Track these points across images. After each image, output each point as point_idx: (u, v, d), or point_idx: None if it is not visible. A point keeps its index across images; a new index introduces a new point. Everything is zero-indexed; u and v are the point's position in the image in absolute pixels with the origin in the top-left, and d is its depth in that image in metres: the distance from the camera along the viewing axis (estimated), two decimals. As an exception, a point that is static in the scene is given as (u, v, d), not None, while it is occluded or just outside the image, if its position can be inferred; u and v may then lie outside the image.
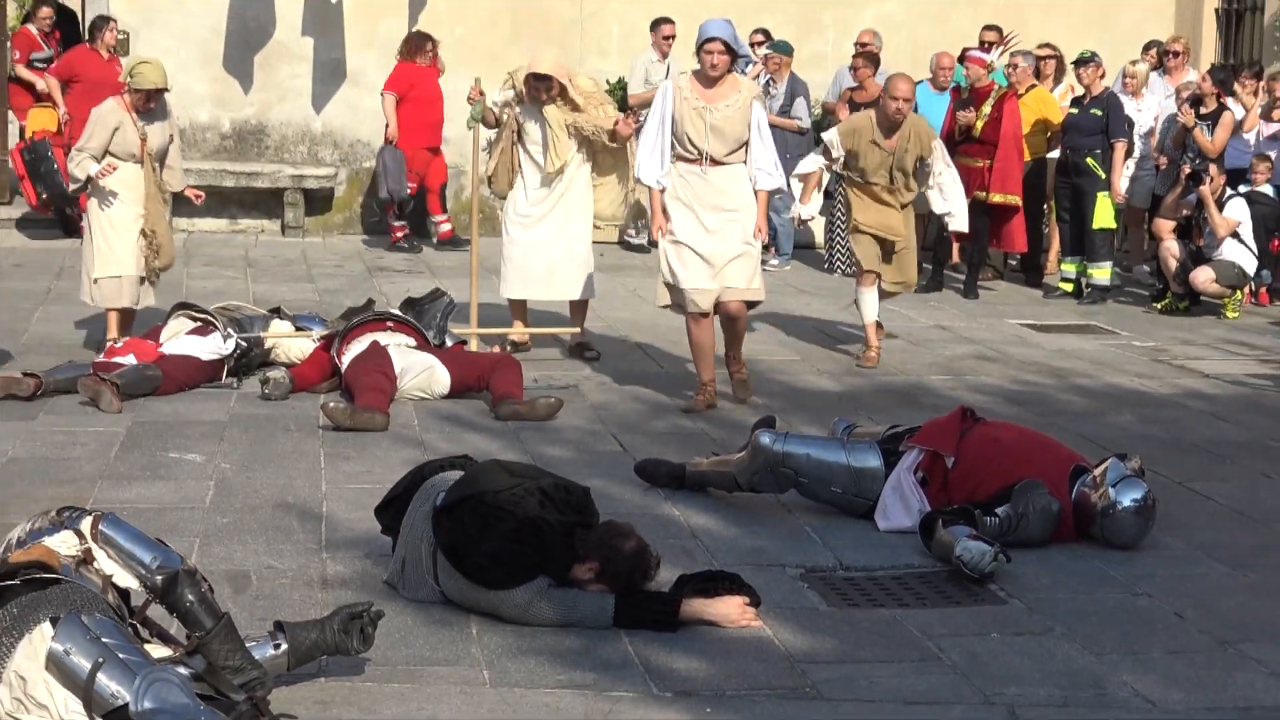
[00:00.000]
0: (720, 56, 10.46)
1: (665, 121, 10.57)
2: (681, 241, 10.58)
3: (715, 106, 10.51)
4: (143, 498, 8.42)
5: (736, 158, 10.64)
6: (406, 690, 6.13)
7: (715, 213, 10.58)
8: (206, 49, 19.13)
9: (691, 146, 10.55)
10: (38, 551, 5.57)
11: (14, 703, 5.27)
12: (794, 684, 6.31)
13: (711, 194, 10.61)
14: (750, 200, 10.68)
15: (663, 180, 10.60)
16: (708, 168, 10.57)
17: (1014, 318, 15.04)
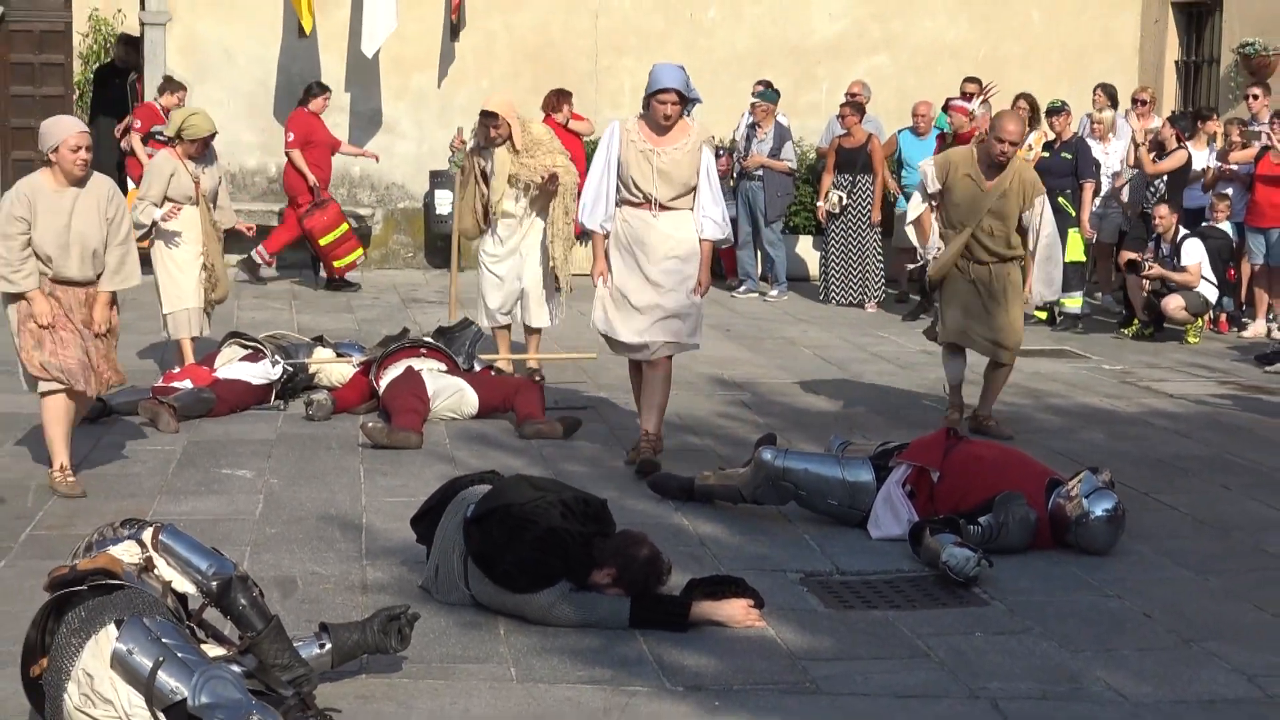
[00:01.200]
0: (673, 106, 9.31)
1: (610, 165, 9.47)
2: (616, 289, 9.51)
3: (663, 150, 9.38)
4: (198, 510, 8.43)
5: (684, 203, 9.44)
6: (440, 686, 6.13)
7: (661, 261, 9.41)
8: (254, 101, 19.17)
9: (637, 190, 9.41)
10: (103, 560, 5.57)
11: (82, 698, 5.27)
12: (795, 679, 6.31)
13: (658, 240, 9.41)
14: (696, 249, 9.48)
15: (605, 225, 9.49)
16: (656, 212, 9.42)
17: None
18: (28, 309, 8.62)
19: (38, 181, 8.73)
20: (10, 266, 8.53)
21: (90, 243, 8.68)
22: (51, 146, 8.61)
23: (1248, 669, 6.51)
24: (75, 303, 8.73)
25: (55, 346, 8.64)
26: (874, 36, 20.08)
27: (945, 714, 5.96)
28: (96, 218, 8.69)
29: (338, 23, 18.97)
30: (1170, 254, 15.27)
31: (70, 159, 8.56)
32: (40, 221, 8.58)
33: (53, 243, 8.59)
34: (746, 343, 14.73)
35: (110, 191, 8.81)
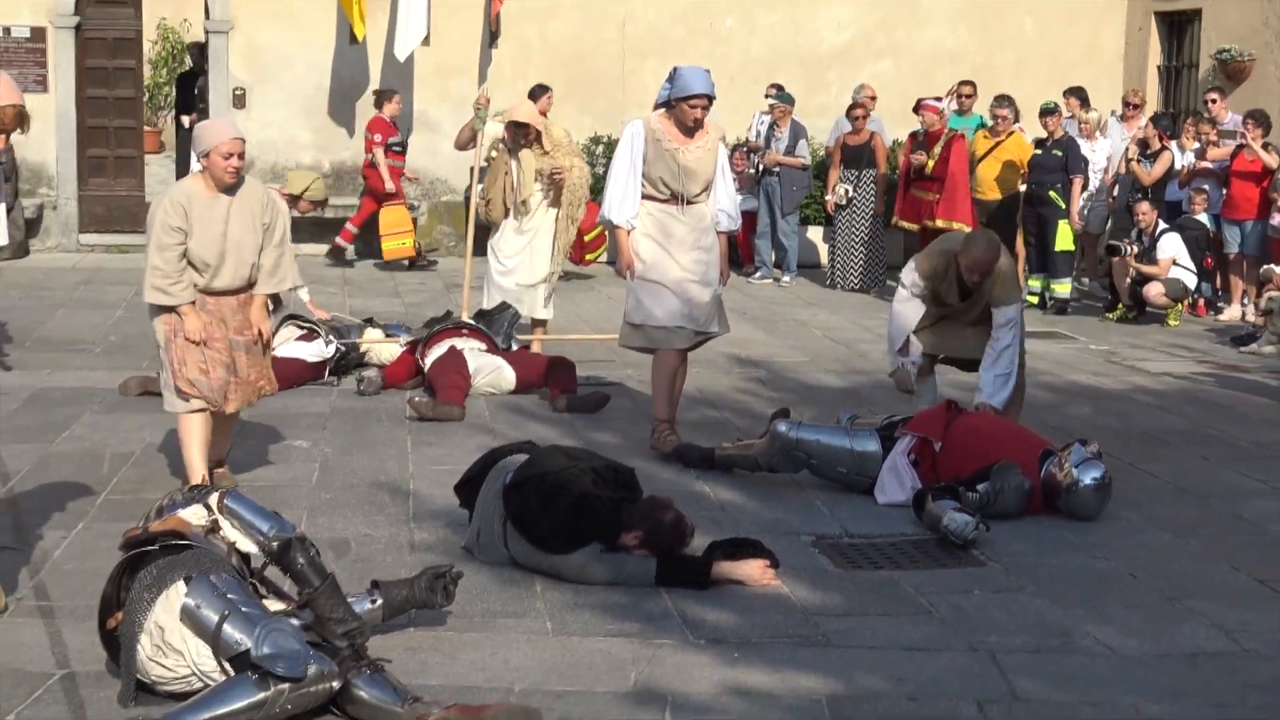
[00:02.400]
0: (704, 110, 8.99)
1: (635, 163, 9.05)
2: (654, 280, 9.10)
3: (688, 148, 9.05)
4: (260, 477, 8.43)
5: (704, 197, 9.17)
6: (482, 638, 6.12)
7: (689, 251, 9.11)
8: (309, 103, 19.17)
9: (665, 187, 9.05)
10: (173, 522, 5.58)
11: (154, 649, 5.27)
12: (808, 633, 6.30)
13: (684, 233, 9.11)
14: (716, 241, 9.25)
15: (632, 221, 9.08)
16: (683, 207, 9.10)
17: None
18: (177, 323, 7.79)
19: (190, 188, 7.80)
20: (168, 279, 7.65)
21: (246, 252, 7.84)
22: (203, 151, 7.68)
23: (1225, 624, 6.48)
24: (228, 310, 7.92)
25: (206, 365, 7.82)
26: (879, 44, 20.03)
27: (946, 666, 5.94)
28: (252, 224, 7.84)
29: (383, 29, 18.93)
30: (1149, 246, 15.29)
31: (221, 166, 7.64)
32: (196, 231, 7.68)
33: (210, 252, 7.72)
34: (762, 325, 14.71)
35: (265, 197, 7.97)
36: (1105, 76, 19.84)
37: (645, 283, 9.14)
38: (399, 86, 19.16)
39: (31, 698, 5.38)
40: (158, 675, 5.30)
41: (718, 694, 5.61)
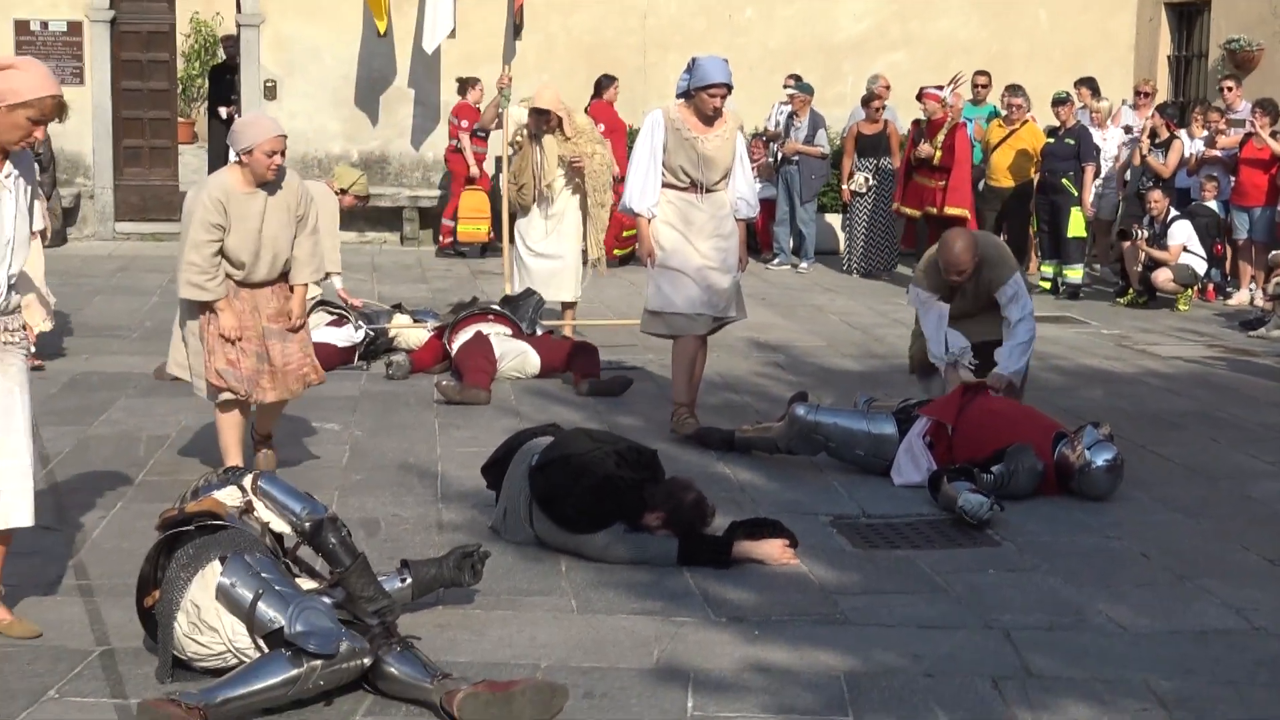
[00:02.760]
0: (722, 100, 8.91)
1: (655, 152, 8.97)
2: (674, 268, 9.04)
3: (707, 137, 8.96)
4: (292, 458, 8.44)
5: (723, 185, 9.07)
6: (509, 616, 6.13)
7: (708, 238, 9.05)
8: (338, 94, 19.20)
9: (684, 175, 8.98)
10: (208, 503, 5.58)
11: (190, 626, 5.28)
12: (827, 611, 6.29)
13: (704, 220, 9.03)
14: (735, 228, 9.16)
15: (653, 209, 9.00)
16: (702, 195, 9.02)
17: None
18: (212, 317, 7.65)
19: (227, 183, 7.57)
20: (205, 274, 7.50)
21: (281, 246, 7.68)
22: (245, 148, 7.46)
23: (1235, 603, 6.46)
24: (262, 300, 7.76)
25: (236, 356, 7.67)
26: (894, 35, 19.98)
27: (961, 643, 5.93)
28: (288, 219, 7.68)
29: (410, 22, 18.95)
30: (1160, 232, 15.25)
31: (264, 163, 7.44)
32: (234, 228, 7.51)
33: (246, 249, 7.56)
34: (780, 310, 14.70)
35: (300, 190, 7.77)
36: (1117, 66, 19.78)
37: (666, 270, 9.08)
38: (425, 78, 19.19)
39: (72, 673, 5.40)
40: (194, 652, 5.31)
41: (739, 670, 5.61)
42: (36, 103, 5.29)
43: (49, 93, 5.32)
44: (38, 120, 5.34)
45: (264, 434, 8.19)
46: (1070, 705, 5.33)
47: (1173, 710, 5.30)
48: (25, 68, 5.34)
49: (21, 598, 6.01)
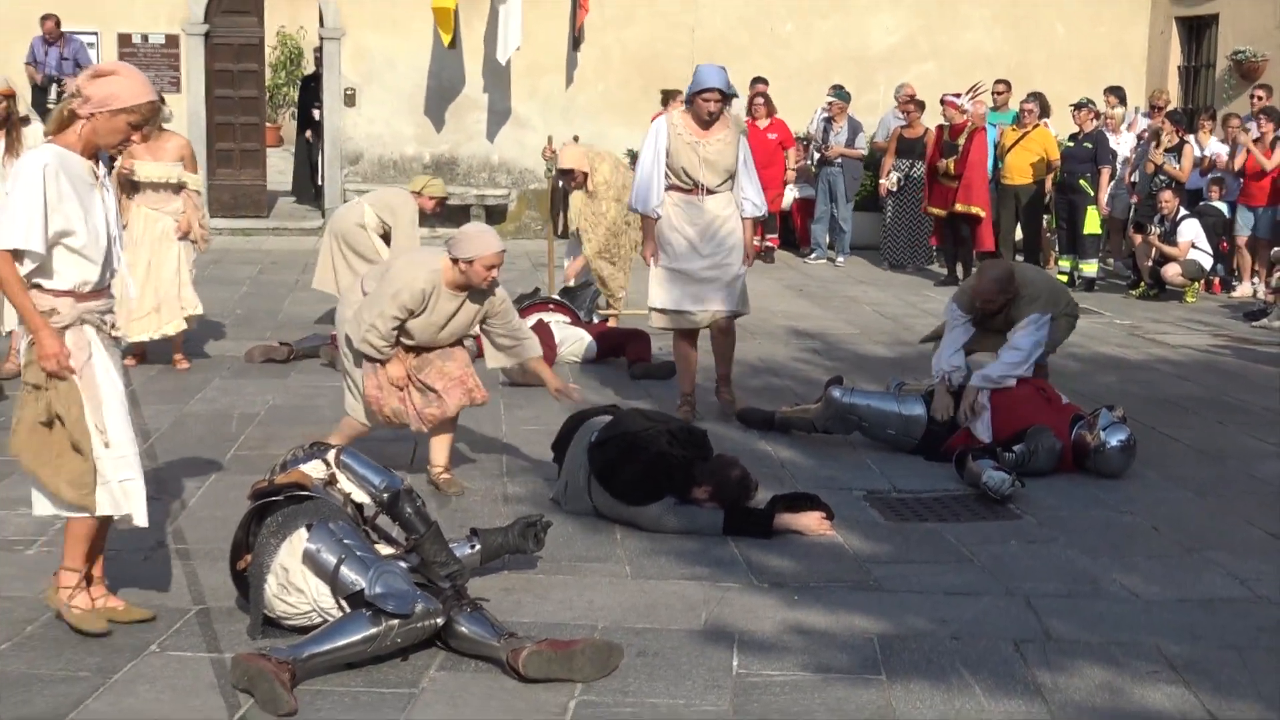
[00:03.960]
0: (716, 104, 8.66)
1: (659, 155, 8.77)
2: (674, 268, 8.85)
3: (708, 141, 8.72)
4: (370, 435, 8.41)
5: (726, 187, 8.80)
6: (569, 580, 6.14)
7: (711, 238, 8.80)
8: (412, 100, 19.24)
9: (687, 178, 8.75)
10: (295, 475, 5.61)
11: (279, 587, 5.31)
12: (860, 578, 6.28)
13: (707, 220, 8.80)
14: (739, 225, 8.89)
15: (657, 210, 8.79)
16: (703, 196, 8.78)
17: (1022, 302, 14.85)
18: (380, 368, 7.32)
19: (439, 280, 7.15)
20: (384, 341, 7.17)
21: (458, 333, 7.40)
22: (467, 258, 7.06)
23: (1240, 574, 6.42)
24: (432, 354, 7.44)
25: (405, 395, 7.36)
26: (923, 47, 19.87)
27: (986, 609, 5.91)
28: (473, 318, 7.36)
29: (478, 35, 18.97)
30: (1171, 230, 15.15)
31: (482, 275, 7.08)
32: (422, 317, 7.21)
33: (424, 336, 7.28)
34: (817, 300, 14.65)
35: (500, 294, 7.40)
36: (1130, 75, 19.63)
37: (666, 270, 8.89)
38: (493, 85, 19.21)
39: (172, 630, 5.45)
40: (282, 611, 5.35)
41: (779, 632, 5.60)
42: (136, 108, 5.30)
43: (147, 98, 5.33)
44: (136, 125, 5.35)
45: (441, 464, 7.61)
46: (1086, 667, 5.30)
47: (1181, 672, 5.28)
48: (125, 74, 5.35)
49: (126, 561, 6.06)
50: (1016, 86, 17.78)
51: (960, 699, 5.02)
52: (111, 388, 5.35)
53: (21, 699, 4.83)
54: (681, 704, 4.92)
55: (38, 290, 5.21)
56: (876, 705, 4.95)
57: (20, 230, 5.09)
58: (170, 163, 10.12)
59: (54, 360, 5.18)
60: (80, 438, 5.25)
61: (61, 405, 5.23)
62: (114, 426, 5.33)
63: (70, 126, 5.27)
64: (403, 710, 4.82)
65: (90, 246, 5.25)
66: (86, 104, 5.24)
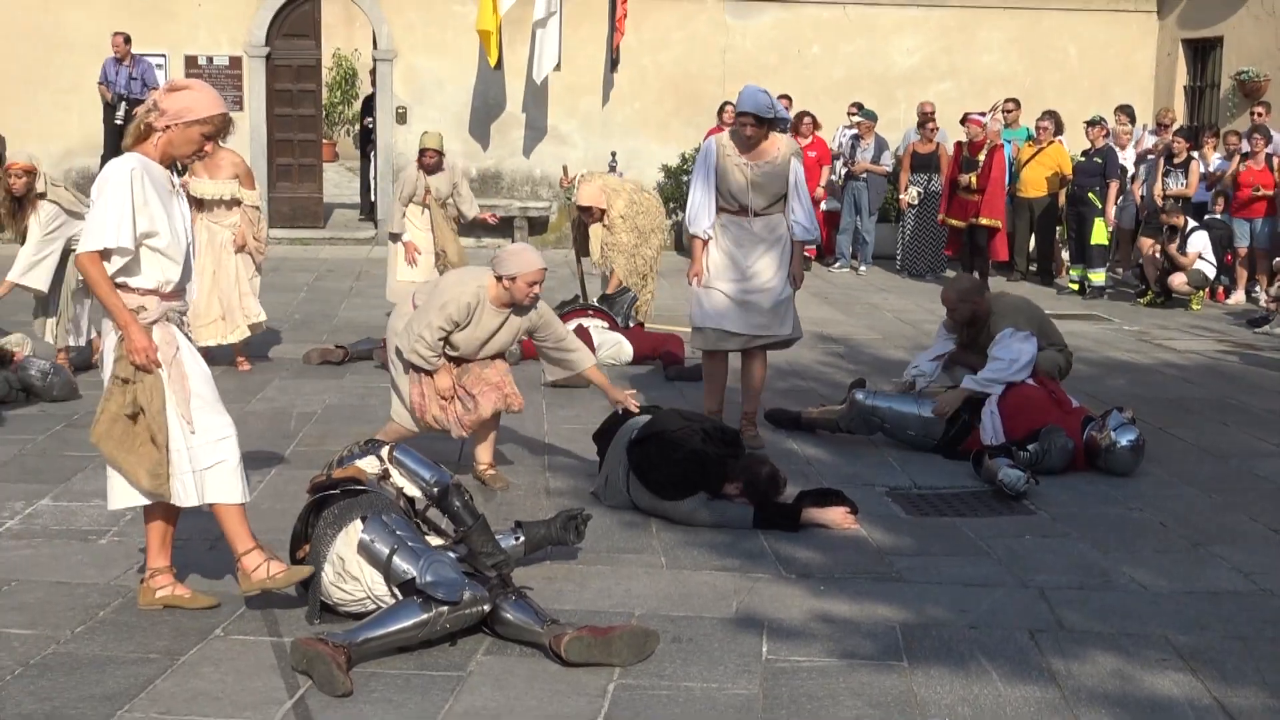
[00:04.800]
0: (750, 128, 8.05)
1: (709, 176, 8.24)
2: (715, 287, 8.33)
3: (756, 164, 8.17)
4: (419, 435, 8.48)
5: (776, 209, 8.27)
6: (607, 570, 6.14)
7: (757, 260, 8.29)
8: (459, 118, 19.27)
9: (733, 199, 8.24)
10: (351, 470, 5.62)
11: (335, 575, 5.33)
12: (883, 570, 6.26)
13: (754, 242, 8.28)
14: (786, 248, 8.33)
15: (708, 231, 8.29)
16: (751, 219, 8.26)
17: (1036, 309, 14.78)
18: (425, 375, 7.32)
19: (483, 295, 7.15)
20: (432, 352, 7.14)
21: (501, 348, 7.42)
22: (510, 275, 7.05)
23: (1244, 567, 6.38)
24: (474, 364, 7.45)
25: (448, 404, 7.35)
26: (942, 68, 19.80)
27: (1002, 599, 5.88)
28: (516, 333, 7.36)
29: (521, 57, 18.99)
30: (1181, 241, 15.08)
31: (525, 292, 7.10)
32: (468, 331, 7.21)
33: (468, 348, 7.28)
34: (841, 307, 14.62)
35: (539, 312, 7.36)
36: (1138, 95, 19.51)
37: (708, 290, 8.39)
38: (535, 105, 19.22)
39: (235, 615, 5.47)
40: (339, 598, 5.36)
41: (806, 620, 5.59)
42: (209, 119, 5.34)
43: (219, 110, 5.38)
44: (209, 135, 5.39)
45: (486, 461, 7.58)
46: (1098, 655, 5.27)
47: (1189, 660, 5.24)
48: (199, 89, 5.39)
49: (193, 550, 6.09)
50: (1031, 105, 17.71)
51: (978, 684, 4.99)
52: (200, 377, 5.40)
53: (95, 679, 4.86)
54: (714, 687, 4.91)
55: (124, 289, 5.26)
56: (898, 690, 4.93)
57: (111, 231, 5.15)
58: (225, 180, 10.18)
59: (143, 354, 5.22)
60: (158, 431, 5.28)
61: (145, 398, 5.26)
62: (207, 413, 5.37)
63: (148, 138, 5.32)
64: (451, 692, 4.83)
65: (172, 248, 5.30)
66: (163, 116, 5.29)
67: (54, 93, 18.35)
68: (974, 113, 16.63)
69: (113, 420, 5.29)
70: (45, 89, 18.32)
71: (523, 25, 18.64)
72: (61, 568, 5.99)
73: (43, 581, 5.81)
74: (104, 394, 5.36)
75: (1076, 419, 8.16)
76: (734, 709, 4.74)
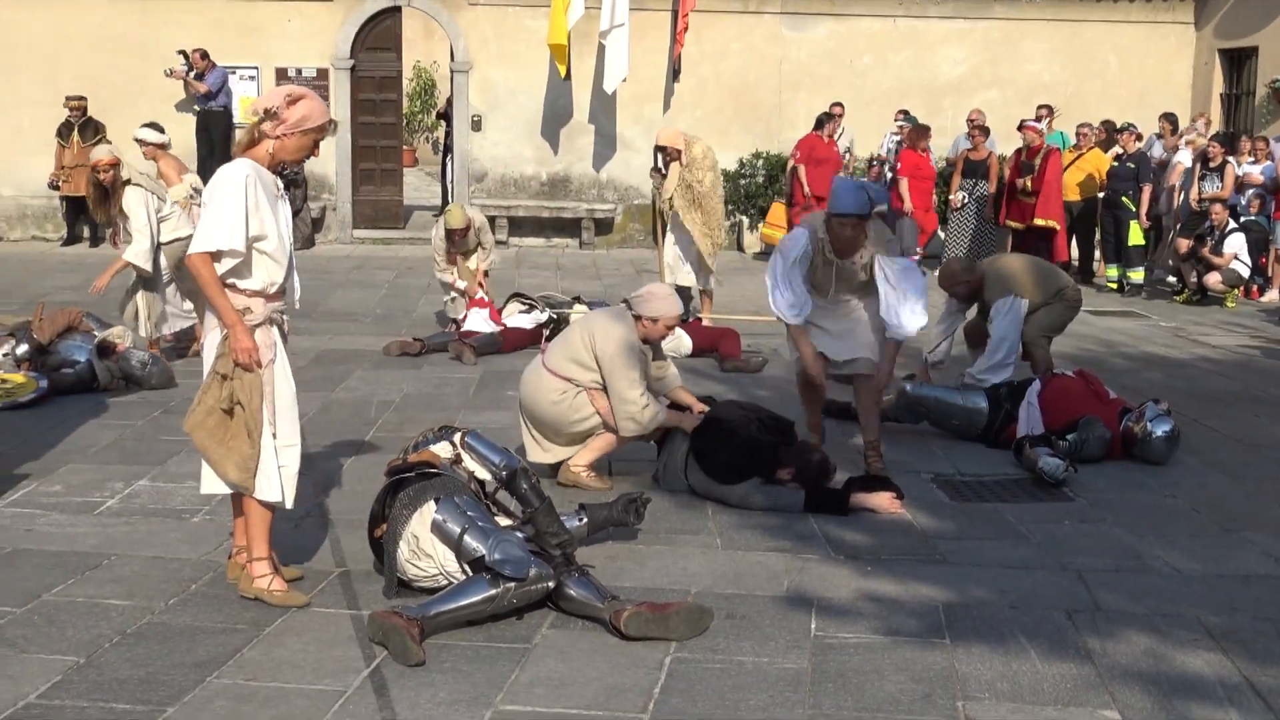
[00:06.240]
0: (852, 229, 7.23)
1: (803, 262, 7.37)
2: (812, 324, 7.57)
3: (845, 262, 7.37)
4: (491, 420, 8.50)
5: (865, 300, 7.54)
6: (665, 550, 6.13)
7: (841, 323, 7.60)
8: (531, 125, 19.31)
9: (823, 290, 7.51)
10: (426, 455, 5.64)
11: (410, 553, 5.34)
12: (928, 552, 6.21)
13: (837, 317, 7.61)
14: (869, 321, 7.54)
15: (803, 314, 7.44)
16: (837, 302, 7.57)
17: (1076, 306, 14.61)
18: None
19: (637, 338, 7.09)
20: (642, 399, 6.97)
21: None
22: (653, 316, 7.05)
23: (1274, 552, 6.27)
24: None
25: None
26: (987, 77, 19.62)
27: (1041, 581, 5.81)
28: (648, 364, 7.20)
29: (589, 68, 19.00)
30: (1218, 241, 14.88)
31: (662, 332, 7.10)
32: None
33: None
34: (889, 304, 14.48)
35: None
36: (1176, 102, 19.25)
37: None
38: (602, 113, 19.22)
39: (317, 589, 5.50)
40: (413, 574, 5.38)
41: (854, 599, 5.55)
42: (323, 127, 5.34)
43: (330, 118, 5.38)
44: (319, 141, 5.39)
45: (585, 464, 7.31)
46: (1133, 635, 5.20)
47: (1220, 640, 5.16)
48: (312, 98, 5.34)
49: (279, 529, 6.12)
50: (1073, 113, 17.55)
51: (1017, 661, 4.94)
52: (286, 386, 5.38)
53: (186, 648, 4.90)
54: (765, 661, 4.89)
55: (232, 289, 5.23)
56: (941, 666, 4.88)
57: (224, 233, 5.12)
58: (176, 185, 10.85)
59: (247, 355, 5.20)
60: (254, 426, 5.26)
61: (244, 394, 5.24)
62: (285, 421, 5.36)
63: (259, 144, 5.28)
64: (517, 663, 4.83)
65: (278, 251, 5.29)
66: (281, 124, 5.25)
67: (153, 102, 18.55)
68: (1030, 120, 16.49)
69: (208, 412, 5.29)
70: (144, 99, 18.54)
71: (590, 39, 18.66)
72: (157, 544, 6.06)
73: (140, 556, 5.88)
74: (202, 386, 5.35)
75: (1114, 410, 8.06)
76: (784, 682, 4.71)
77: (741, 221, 19.34)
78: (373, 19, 19.15)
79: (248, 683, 4.61)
